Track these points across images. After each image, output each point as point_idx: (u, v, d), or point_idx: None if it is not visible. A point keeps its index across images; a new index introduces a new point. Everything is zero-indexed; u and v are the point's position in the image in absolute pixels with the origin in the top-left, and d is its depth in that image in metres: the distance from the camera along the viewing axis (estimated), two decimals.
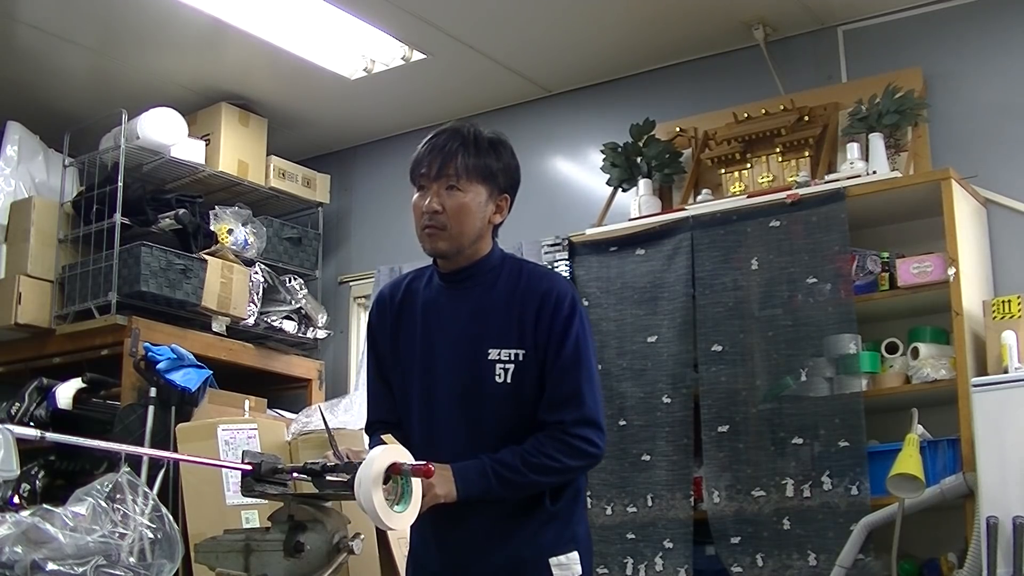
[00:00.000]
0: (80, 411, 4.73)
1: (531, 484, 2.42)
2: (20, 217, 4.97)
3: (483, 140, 2.52)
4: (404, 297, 2.62)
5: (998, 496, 3.45)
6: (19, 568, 3.51)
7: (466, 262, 2.54)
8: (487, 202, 2.51)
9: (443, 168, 2.47)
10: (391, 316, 2.63)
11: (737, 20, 4.59)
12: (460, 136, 2.51)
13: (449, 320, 2.53)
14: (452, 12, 4.54)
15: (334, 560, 2.22)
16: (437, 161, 2.48)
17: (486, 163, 2.50)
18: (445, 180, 2.47)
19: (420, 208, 2.50)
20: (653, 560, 4.10)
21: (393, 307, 2.63)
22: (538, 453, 2.41)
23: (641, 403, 4.23)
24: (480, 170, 2.49)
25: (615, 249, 4.45)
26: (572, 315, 2.49)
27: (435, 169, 2.48)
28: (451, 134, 2.52)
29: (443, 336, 2.53)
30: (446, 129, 2.54)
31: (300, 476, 2.29)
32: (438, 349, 2.53)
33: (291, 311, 5.34)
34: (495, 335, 2.48)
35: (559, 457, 2.42)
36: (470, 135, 2.51)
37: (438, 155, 2.49)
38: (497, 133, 2.58)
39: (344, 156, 5.79)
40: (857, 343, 3.93)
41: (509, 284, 2.52)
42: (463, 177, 2.48)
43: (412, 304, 2.60)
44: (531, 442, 2.42)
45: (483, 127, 2.57)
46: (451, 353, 2.50)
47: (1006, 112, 4.22)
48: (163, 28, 4.68)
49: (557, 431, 2.43)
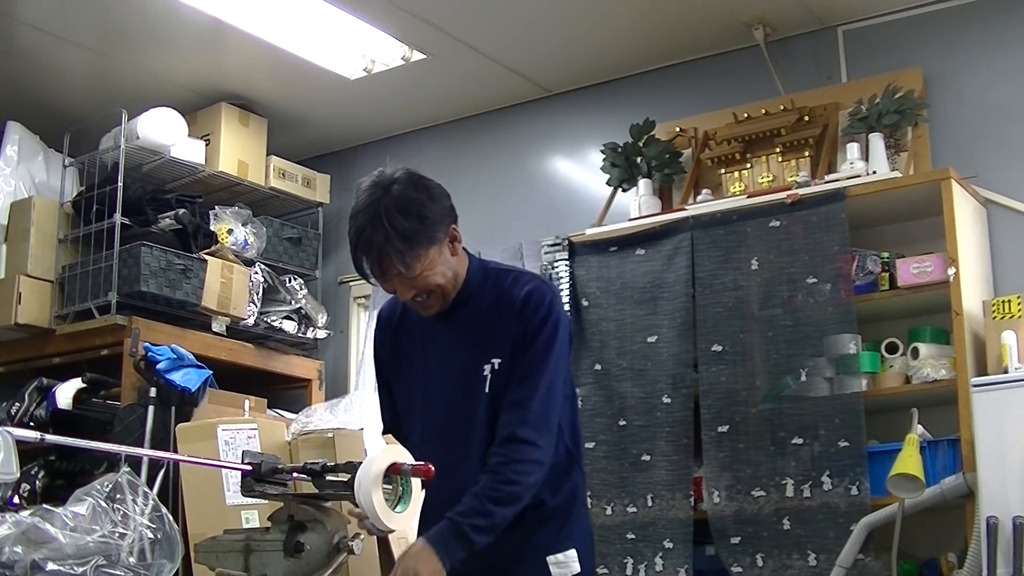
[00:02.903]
0: (80, 411, 4.73)
1: (504, 520, 2.36)
2: (20, 217, 4.97)
3: (399, 215, 2.37)
4: (402, 315, 2.64)
5: (998, 496, 3.45)
6: (19, 568, 3.51)
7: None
8: (442, 249, 2.45)
9: (386, 271, 2.40)
10: (391, 336, 2.66)
11: (737, 20, 4.59)
12: (377, 227, 2.36)
13: (446, 341, 2.55)
14: (452, 12, 4.54)
15: (334, 560, 2.22)
16: (376, 266, 2.40)
17: (418, 236, 2.39)
18: (397, 275, 2.41)
19: (397, 295, 2.48)
20: (653, 560, 4.09)
21: (392, 326, 2.66)
22: (498, 486, 2.36)
23: (641, 403, 4.23)
24: (418, 245, 2.39)
25: (615, 249, 4.45)
26: (547, 318, 2.46)
27: (378, 272, 2.42)
28: (370, 227, 2.36)
29: (441, 357, 2.55)
30: (361, 223, 2.38)
31: (300, 476, 2.30)
32: (437, 370, 2.55)
33: (291, 311, 5.34)
34: (484, 350, 2.49)
35: (519, 479, 2.37)
36: (384, 221, 2.35)
37: (374, 260, 2.39)
38: (408, 183, 2.42)
39: (344, 156, 5.79)
40: (857, 343, 3.93)
41: (495, 296, 2.53)
42: (410, 264, 2.39)
43: (409, 323, 2.62)
44: (485, 480, 2.37)
45: (394, 173, 2.42)
46: (448, 373, 2.52)
47: (1006, 112, 4.22)
48: (163, 28, 4.68)
49: (498, 457, 2.39)
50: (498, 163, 5.31)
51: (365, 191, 2.43)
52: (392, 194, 2.40)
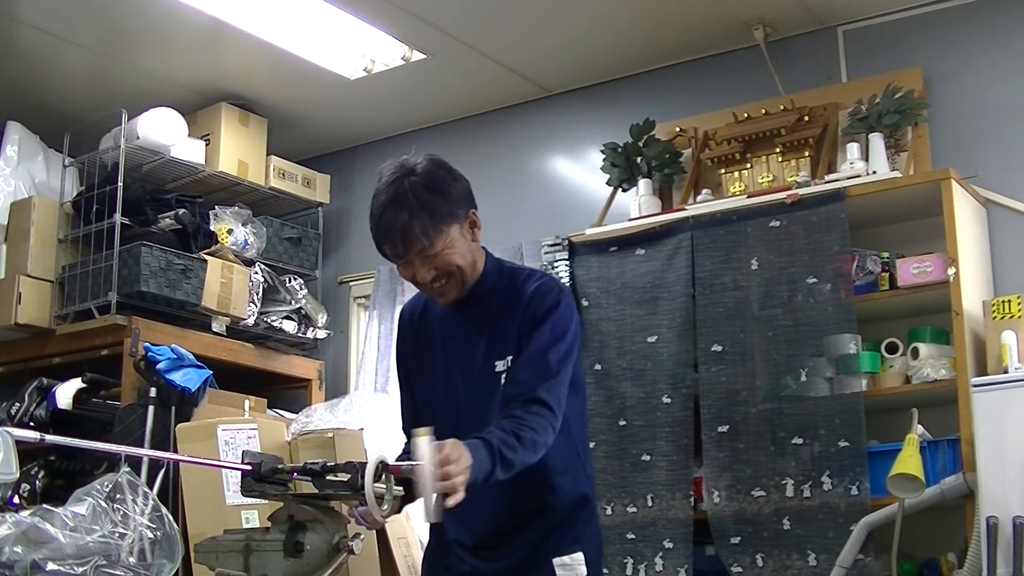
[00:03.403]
0: (80, 411, 4.73)
1: (521, 462, 2.30)
2: (20, 217, 4.97)
3: (424, 190, 2.41)
4: (423, 315, 2.66)
5: (998, 496, 3.45)
6: (19, 568, 3.51)
7: (470, 288, 2.55)
8: (463, 233, 2.48)
9: (409, 247, 2.42)
10: (411, 336, 2.68)
11: (737, 20, 4.59)
12: (402, 203, 2.40)
13: (463, 339, 2.56)
14: (452, 12, 4.54)
15: (334, 560, 2.22)
16: (400, 243, 2.42)
17: (441, 210, 2.42)
18: (419, 253, 2.43)
19: (413, 279, 2.50)
20: (653, 560, 4.10)
21: (413, 326, 2.68)
22: (522, 428, 2.31)
23: (641, 403, 4.23)
24: (441, 220, 2.42)
25: (615, 249, 4.45)
26: (554, 307, 2.47)
27: (402, 249, 2.43)
28: (393, 206, 2.40)
29: (459, 354, 2.56)
30: (385, 199, 2.42)
31: (300, 476, 2.30)
32: (456, 366, 2.56)
33: (291, 311, 5.34)
34: (497, 348, 2.50)
35: (538, 431, 2.33)
36: (410, 195, 2.40)
37: (397, 236, 2.41)
38: (430, 163, 2.47)
39: (344, 156, 5.79)
40: (857, 343, 3.93)
41: (509, 294, 2.54)
42: (432, 239, 2.41)
43: (431, 323, 2.64)
44: (507, 422, 2.32)
45: (416, 157, 2.47)
46: (466, 370, 2.54)
47: (1006, 112, 4.22)
48: (163, 28, 4.68)
49: (521, 413, 2.34)
50: (498, 163, 5.31)
51: (388, 173, 2.46)
52: (417, 173, 2.44)
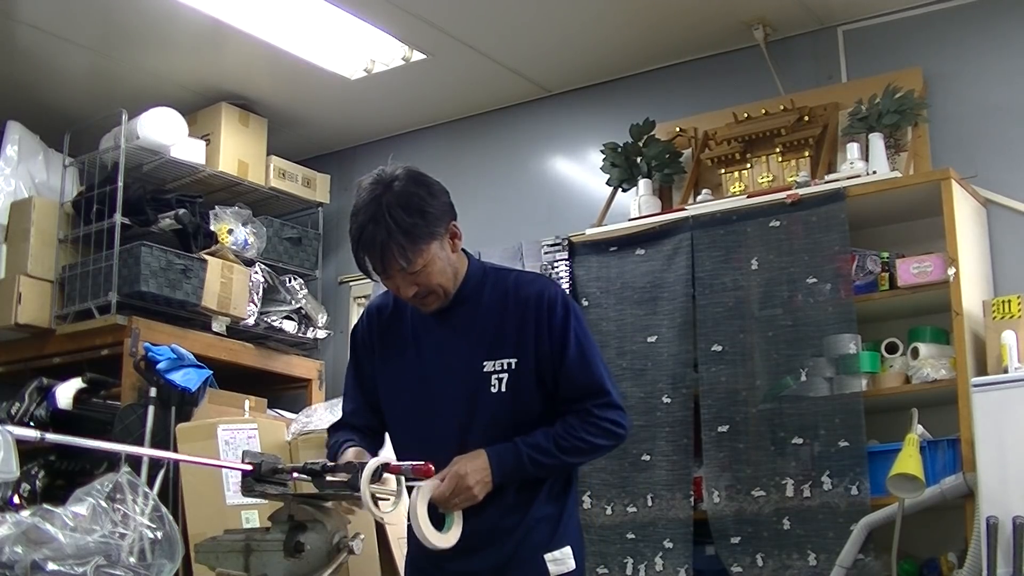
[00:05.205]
0: (80, 411, 4.73)
1: (561, 466, 2.52)
2: (20, 217, 4.97)
3: (401, 211, 2.40)
4: (393, 313, 2.66)
5: (998, 496, 3.45)
6: (19, 568, 3.51)
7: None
8: (443, 246, 2.49)
9: (389, 266, 2.43)
10: (376, 332, 2.67)
11: (737, 20, 4.59)
12: (381, 222, 2.39)
13: (442, 338, 2.57)
14: (452, 12, 4.54)
15: (334, 560, 2.22)
16: (379, 263, 2.43)
17: (419, 231, 2.42)
18: (399, 271, 2.44)
19: (397, 293, 2.52)
20: (653, 560, 4.10)
21: (381, 323, 2.67)
22: (570, 436, 2.50)
23: (641, 403, 4.23)
24: (420, 239, 2.43)
25: (615, 249, 4.45)
26: (567, 315, 2.54)
27: (383, 267, 2.44)
28: (372, 223, 2.39)
29: (437, 353, 2.57)
30: (363, 219, 2.41)
31: (300, 476, 2.30)
32: (432, 366, 2.56)
33: (291, 311, 5.34)
34: (487, 347, 2.52)
35: (589, 439, 2.52)
36: (387, 216, 2.39)
37: (376, 256, 2.42)
38: (408, 179, 2.45)
39: (344, 156, 5.79)
40: (857, 343, 3.93)
41: (497, 295, 2.56)
42: (412, 260, 2.43)
43: (400, 322, 2.64)
44: (561, 425, 2.50)
45: (394, 170, 2.45)
46: (446, 369, 2.55)
47: (1006, 112, 4.22)
48: (163, 28, 4.68)
49: (584, 414, 2.52)
50: (498, 163, 5.31)
51: (366, 189, 2.46)
52: (394, 190, 2.43)
